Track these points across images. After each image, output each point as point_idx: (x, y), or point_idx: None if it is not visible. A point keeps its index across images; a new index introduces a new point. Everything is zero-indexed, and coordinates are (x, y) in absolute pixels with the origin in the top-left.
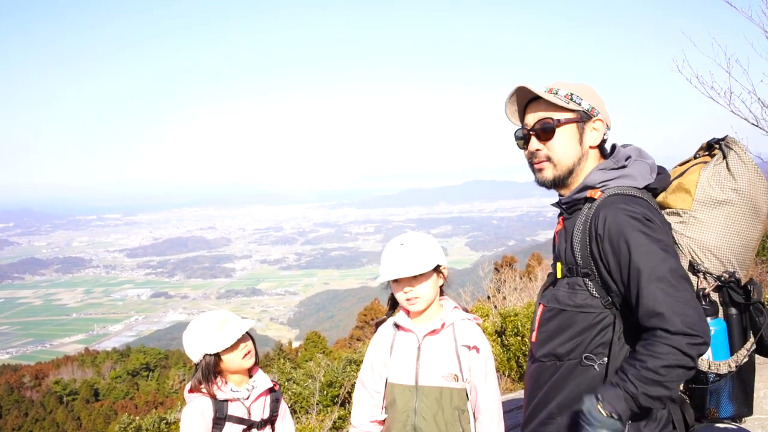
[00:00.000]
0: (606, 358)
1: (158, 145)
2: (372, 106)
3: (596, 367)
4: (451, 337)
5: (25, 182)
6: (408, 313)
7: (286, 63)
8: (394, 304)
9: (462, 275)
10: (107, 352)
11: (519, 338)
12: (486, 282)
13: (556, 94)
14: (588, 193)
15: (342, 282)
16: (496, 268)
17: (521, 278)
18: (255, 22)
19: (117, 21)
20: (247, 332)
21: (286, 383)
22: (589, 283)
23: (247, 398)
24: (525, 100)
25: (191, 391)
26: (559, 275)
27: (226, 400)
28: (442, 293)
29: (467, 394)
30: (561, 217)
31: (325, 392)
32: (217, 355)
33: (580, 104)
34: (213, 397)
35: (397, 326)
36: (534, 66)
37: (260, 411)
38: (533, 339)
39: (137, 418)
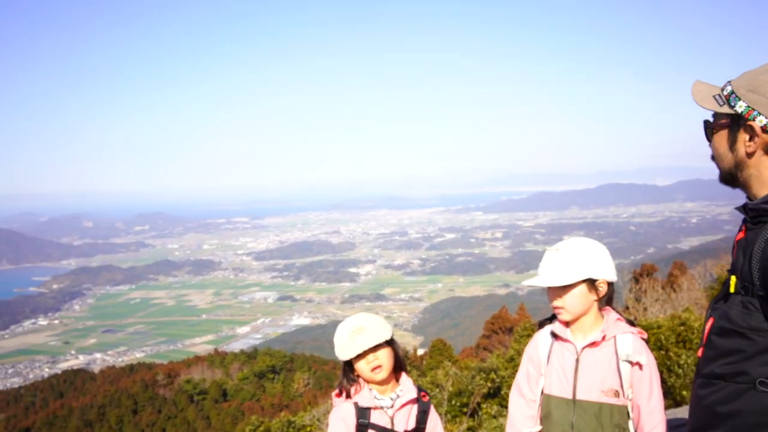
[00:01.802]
0: None
1: (285, 150)
2: (498, 105)
3: None
4: (612, 350)
5: (159, 187)
6: (566, 322)
7: (404, 63)
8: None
9: None
10: (235, 353)
11: (663, 352)
12: (624, 291)
13: (722, 91)
14: None
15: (468, 289)
16: (635, 277)
17: (663, 288)
18: (367, 21)
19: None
20: (388, 342)
21: None
22: (766, 306)
23: (391, 407)
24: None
25: (338, 394)
26: (732, 290)
27: (369, 408)
28: (609, 303)
29: (628, 412)
30: (745, 225)
31: (453, 402)
32: (350, 363)
33: (734, 107)
34: (356, 403)
35: (554, 335)
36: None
37: (404, 422)
38: (699, 354)
39: (266, 419)
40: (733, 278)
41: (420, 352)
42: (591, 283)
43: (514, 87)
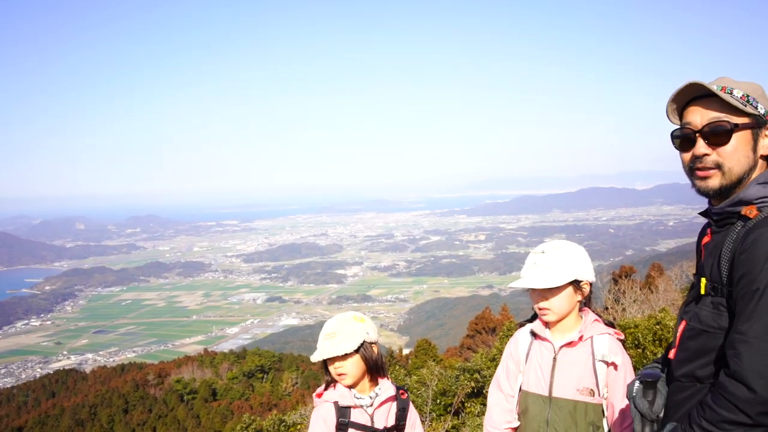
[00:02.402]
0: None
1: (275, 154)
2: (482, 110)
3: None
4: (589, 350)
5: (150, 190)
6: (545, 322)
7: (389, 67)
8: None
9: None
10: (224, 353)
11: (640, 350)
12: (603, 292)
13: (731, 94)
14: (743, 210)
15: (452, 290)
16: (614, 279)
17: (641, 289)
18: (359, 25)
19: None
20: (356, 350)
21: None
22: (733, 304)
23: (370, 405)
24: (688, 97)
25: (318, 395)
26: (702, 291)
27: (349, 407)
28: (588, 304)
29: (603, 410)
30: (710, 229)
31: (438, 401)
32: (325, 363)
33: (756, 107)
34: (336, 402)
35: (534, 334)
36: (672, 65)
37: (384, 419)
38: (672, 356)
39: (258, 418)
40: (704, 280)
41: (405, 351)
42: (576, 284)
43: (498, 92)
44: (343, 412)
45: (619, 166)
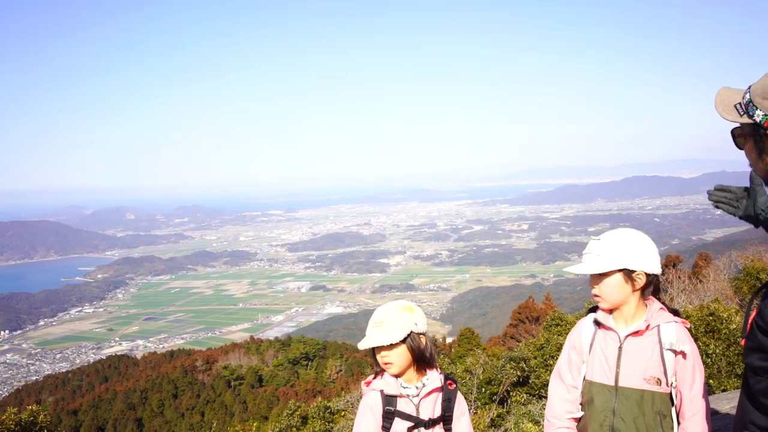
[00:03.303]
0: None
1: (319, 145)
2: (525, 101)
3: None
4: (656, 339)
5: (197, 181)
6: (610, 311)
7: (432, 59)
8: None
9: None
10: (270, 340)
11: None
12: None
13: (741, 100)
14: None
15: (494, 279)
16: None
17: (689, 279)
18: (399, 15)
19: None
20: (403, 340)
21: None
22: None
23: (417, 395)
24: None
25: (367, 383)
26: None
27: (395, 396)
28: (655, 294)
29: (672, 399)
30: None
31: (483, 389)
32: (373, 352)
33: (753, 115)
34: (382, 391)
35: (597, 324)
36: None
37: (430, 410)
38: (743, 342)
39: (303, 404)
40: None
41: (448, 340)
42: (627, 273)
43: (541, 83)
44: (389, 400)
45: (663, 154)
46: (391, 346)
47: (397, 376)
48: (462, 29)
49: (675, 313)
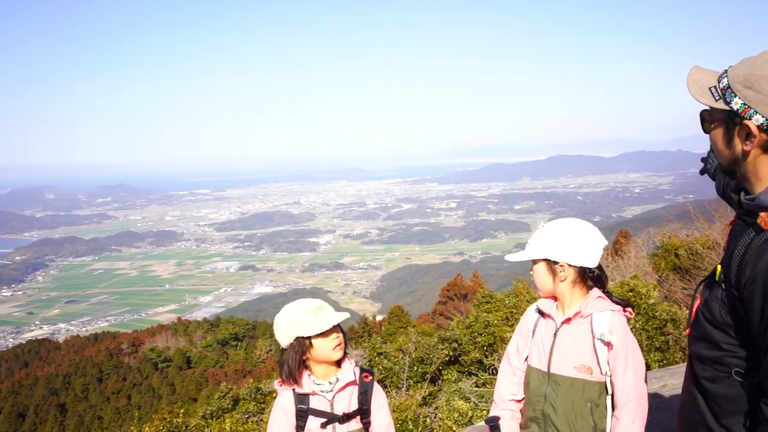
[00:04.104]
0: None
1: (247, 123)
2: (452, 78)
3: (746, 386)
4: (588, 328)
5: (121, 159)
6: (553, 297)
7: (362, 36)
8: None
9: None
10: (198, 321)
11: None
12: None
13: (717, 84)
14: (760, 218)
15: (423, 257)
16: None
17: (611, 256)
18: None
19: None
20: (338, 326)
21: (377, 357)
22: (737, 306)
23: (330, 391)
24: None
25: (281, 382)
26: (717, 278)
27: (308, 394)
28: (598, 282)
29: (607, 388)
30: (738, 214)
31: (415, 368)
32: (309, 340)
33: (730, 102)
34: (293, 389)
35: (540, 311)
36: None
37: (345, 404)
38: (687, 331)
39: (234, 386)
40: (719, 267)
41: (378, 318)
42: (550, 264)
43: (469, 62)
44: (302, 399)
45: (587, 134)
46: (338, 326)
47: (333, 363)
48: (388, 6)
49: (619, 302)
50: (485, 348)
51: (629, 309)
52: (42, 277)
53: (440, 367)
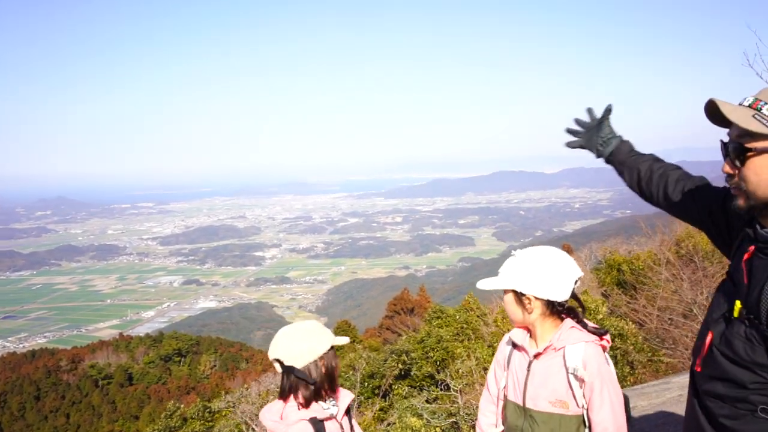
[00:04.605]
0: None
1: (189, 136)
2: (395, 94)
3: None
4: (562, 362)
5: (61, 172)
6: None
7: (305, 47)
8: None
9: (489, 265)
10: (140, 337)
11: None
12: None
13: (759, 111)
14: None
15: (370, 271)
16: None
17: None
18: (288, 16)
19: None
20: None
21: None
22: None
23: (337, 414)
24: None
25: (301, 407)
26: (736, 314)
27: (323, 420)
28: (570, 314)
29: (584, 421)
30: (752, 247)
31: (366, 384)
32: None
33: None
34: (313, 418)
35: (512, 342)
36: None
37: (348, 425)
38: (697, 368)
39: (182, 405)
40: (738, 303)
41: None
42: (517, 295)
43: (413, 76)
44: (320, 426)
45: (529, 150)
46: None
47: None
48: (328, 20)
49: (595, 331)
50: (437, 363)
51: (606, 337)
52: None
53: (391, 382)
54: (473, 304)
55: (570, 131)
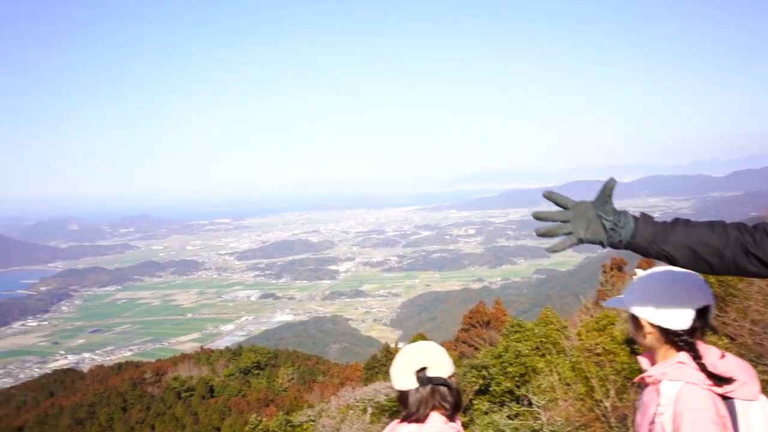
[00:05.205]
0: None
1: (266, 152)
2: (467, 105)
3: None
4: (656, 395)
5: (143, 190)
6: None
7: (376, 63)
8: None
9: (565, 277)
10: (220, 350)
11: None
12: (595, 285)
13: None
14: None
15: (443, 284)
16: (604, 271)
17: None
18: (343, 20)
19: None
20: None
21: None
22: None
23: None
24: None
25: (406, 422)
26: None
27: None
28: (688, 348)
29: None
30: None
31: None
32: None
33: None
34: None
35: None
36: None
37: None
38: None
39: (264, 419)
40: None
41: (400, 345)
42: (634, 318)
43: (486, 87)
44: None
45: (605, 159)
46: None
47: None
48: (398, 34)
49: (711, 376)
50: (516, 378)
51: (724, 385)
52: (66, 307)
53: (471, 397)
54: (552, 317)
55: (539, 217)
